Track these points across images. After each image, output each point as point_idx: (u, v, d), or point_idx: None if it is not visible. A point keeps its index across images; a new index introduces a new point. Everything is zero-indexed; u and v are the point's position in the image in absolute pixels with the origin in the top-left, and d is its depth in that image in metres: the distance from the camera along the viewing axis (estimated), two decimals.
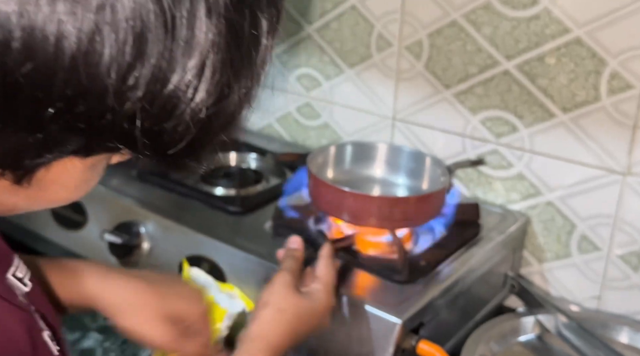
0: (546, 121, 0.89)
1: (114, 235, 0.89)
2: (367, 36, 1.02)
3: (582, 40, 0.83)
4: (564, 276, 0.94)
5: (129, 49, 0.32)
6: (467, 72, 0.94)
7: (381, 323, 0.71)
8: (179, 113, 0.35)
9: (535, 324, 0.81)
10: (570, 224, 0.91)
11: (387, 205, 0.81)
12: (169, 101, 0.34)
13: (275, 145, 1.13)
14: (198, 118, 0.35)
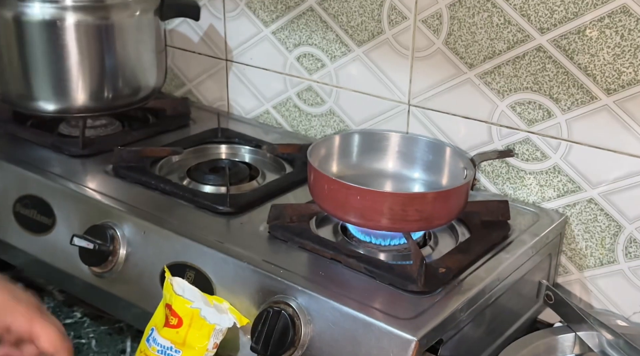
0: (587, 105, 0.89)
1: (85, 239, 0.89)
2: (378, 8, 1.02)
3: (630, 8, 0.83)
4: (609, 285, 0.94)
5: None
6: (494, 49, 0.94)
7: (393, 341, 0.70)
8: None
9: (576, 342, 0.82)
10: (616, 225, 0.91)
11: (401, 203, 0.81)
12: None
13: (272, 135, 1.15)
14: None
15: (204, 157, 1.08)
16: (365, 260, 0.81)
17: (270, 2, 1.13)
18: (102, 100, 1.10)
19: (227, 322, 0.78)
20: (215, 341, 0.78)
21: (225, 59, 1.21)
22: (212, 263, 0.82)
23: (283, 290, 0.77)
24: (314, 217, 0.90)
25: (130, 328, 0.95)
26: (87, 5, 1.02)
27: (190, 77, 1.28)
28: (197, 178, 1.01)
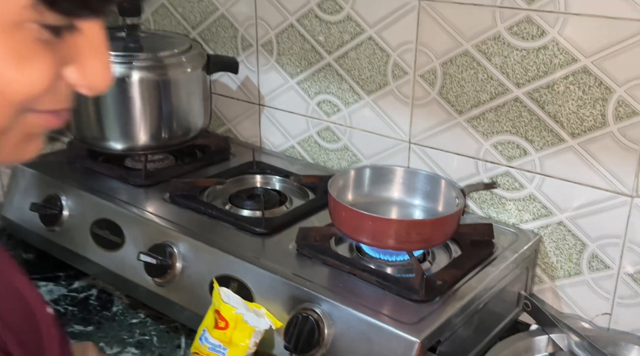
0: (556, 145, 0.89)
1: (149, 255, 0.89)
2: (384, 65, 1.02)
3: (589, 69, 0.83)
4: (576, 293, 0.93)
5: None
6: (479, 99, 0.94)
7: (400, 342, 0.71)
8: None
9: (549, 343, 0.81)
10: (581, 243, 0.90)
11: (405, 228, 0.81)
12: None
13: (297, 166, 1.13)
14: None
15: (242, 186, 1.07)
16: (376, 273, 0.81)
17: (295, 58, 1.13)
18: (160, 139, 1.10)
19: (265, 325, 0.79)
20: (255, 341, 0.79)
21: (259, 104, 1.21)
22: (251, 276, 0.82)
23: (309, 299, 0.77)
24: (333, 237, 0.90)
25: (184, 327, 0.95)
26: (149, 65, 1.03)
27: (229, 118, 1.27)
28: (237, 204, 1.00)
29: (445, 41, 0.94)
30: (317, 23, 1.07)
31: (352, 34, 1.04)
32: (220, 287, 0.81)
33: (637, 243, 0.85)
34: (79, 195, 1.02)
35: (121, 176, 1.06)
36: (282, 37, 1.13)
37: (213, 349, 0.79)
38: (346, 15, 1.03)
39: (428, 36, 0.96)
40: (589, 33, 0.82)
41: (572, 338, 0.78)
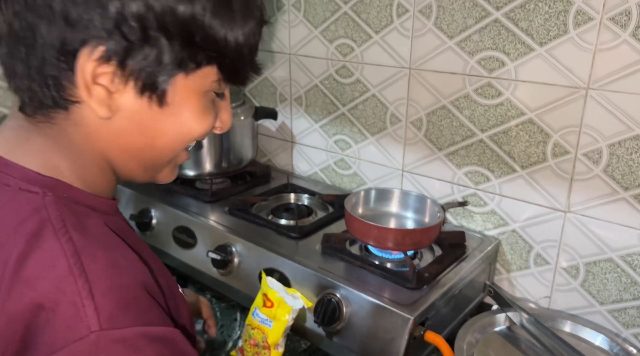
0: (510, 174, 0.90)
1: (215, 253, 0.90)
2: (384, 114, 1.03)
3: (534, 120, 0.84)
4: (525, 282, 0.93)
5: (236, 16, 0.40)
6: (454, 140, 0.94)
7: (398, 318, 0.71)
8: (253, 52, 0.43)
9: (506, 319, 0.80)
10: (529, 246, 0.91)
11: (401, 235, 0.82)
12: (246, 45, 0.42)
13: (320, 187, 1.12)
14: (252, 52, 0.43)
15: (280, 202, 1.06)
16: (380, 268, 0.80)
17: (319, 109, 1.13)
18: (221, 168, 1.11)
19: (299, 305, 0.78)
20: (293, 316, 0.78)
21: (291, 141, 1.21)
22: (289, 268, 0.82)
23: (332, 286, 0.77)
24: (348, 240, 0.89)
25: (239, 305, 0.95)
26: None
27: (270, 151, 1.27)
28: (277, 215, 0.99)
29: (428, 98, 0.95)
30: (335, 84, 1.08)
31: (361, 92, 1.05)
32: (267, 276, 0.81)
33: (569, 245, 0.86)
34: (163, 208, 1.02)
35: (194, 194, 1.06)
36: (309, 93, 1.14)
37: (262, 322, 0.80)
38: (356, 79, 1.05)
39: (416, 94, 0.97)
40: (533, 94, 0.83)
41: (523, 316, 0.78)
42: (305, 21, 1.09)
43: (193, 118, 0.43)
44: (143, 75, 0.39)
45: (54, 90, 0.39)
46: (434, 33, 0.91)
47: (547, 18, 0.79)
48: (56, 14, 0.37)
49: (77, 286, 0.34)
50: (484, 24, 0.86)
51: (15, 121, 0.43)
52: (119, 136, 0.42)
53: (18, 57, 0.39)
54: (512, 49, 0.84)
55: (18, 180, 0.39)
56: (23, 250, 0.36)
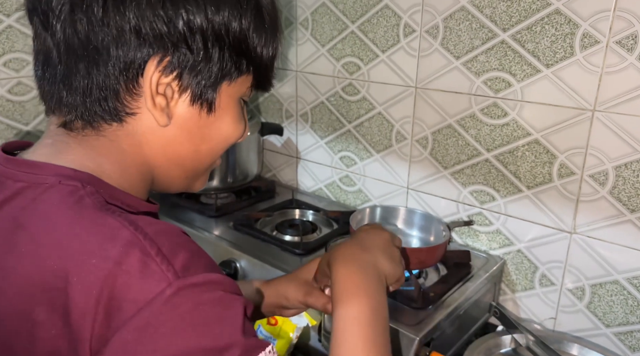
0: (516, 194, 0.89)
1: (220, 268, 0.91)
2: (389, 132, 1.03)
3: (540, 141, 0.85)
4: (530, 303, 0.92)
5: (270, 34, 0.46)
6: (459, 159, 0.94)
7: (404, 338, 0.71)
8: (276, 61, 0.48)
9: (511, 340, 0.80)
10: (534, 266, 0.90)
11: (406, 253, 0.80)
12: (276, 56, 0.47)
13: (324, 203, 1.12)
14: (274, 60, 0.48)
15: (285, 217, 1.06)
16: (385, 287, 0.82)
17: (324, 126, 1.13)
18: (226, 182, 1.11)
19: (304, 323, 0.78)
20: (297, 334, 0.78)
21: (296, 157, 1.21)
22: None
23: None
24: None
25: None
26: None
27: (275, 167, 1.27)
28: (281, 231, 0.99)
29: (434, 117, 0.95)
30: (341, 101, 1.09)
31: (366, 109, 1.05)
32: None
33: (575, 266, 0.85)
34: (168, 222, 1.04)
35: (198, 209, 1.06)
36: (315, 110, 1.14)
37: (266, 339, 0.74)
38: (362, 97, 1.05)
39: (422, 113, 0.97)
40: (539, 115, 0.83)
41: (528, 337, 0.77)
42: (312, 39, 1.10)
43: (232, 124, 0.47)
44: (198, 85, 0.43)
45: (112, 103, 0.42)
46: (440, 53, 0.92)
47: (554, 40, 0.80)
48: (126, 32, 0.40)
49: (146, 247, 0.36)
50: (491, 44, 0.86)
51: (51, 138, 0.44)
52: (168, 144, 0.44)
53: (77, 74, 0.41)
54: (518, 70, 0.84)
55: (56, 176, 0.41)
56: (81, 230, 0.37)
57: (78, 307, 0.35)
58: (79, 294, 0.35)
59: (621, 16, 0.74)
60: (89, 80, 0.41)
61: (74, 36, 0.40)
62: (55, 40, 0.41)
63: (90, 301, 0.35)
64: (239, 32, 0.43)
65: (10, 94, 1.02)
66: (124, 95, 0.42)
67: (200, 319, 0.35)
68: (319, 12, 1.08)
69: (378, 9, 0.99)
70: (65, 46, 0.40)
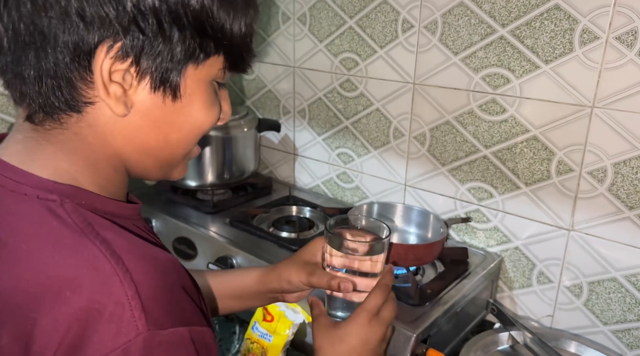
0: (513, 191, 0.89)
1: (216, 265, 0.89)
2: (387, 129, 1.03)
3: (538, 137, 0.84)
4: (527, 300, 0.92)
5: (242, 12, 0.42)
6: (457, 155, 0.94)
7: (400, 335, 0.70)
8: (252, 40, 0.44)
9: (509, 338, 0.80)
10: (532, 263, 0.90)
11: (404, 250, 0.81)
12: (248, 34, 0.43)
13: (321, 200, 1.12)
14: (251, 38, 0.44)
15: (281, 214, 1.06)
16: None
17: (322, 122, 1.13)
18: (223, 179, 1.10)
19: (300, 319, 0.78)
20: (293, 331, 0.78)
21: (294, 154, 1.20)
22: None
23: None
24: None
25: (237, 318, 0.92)
26: (218, 126, 1.04)
27: (272, 163, 1.27)
28: (278, 228, 0.99)
29: (432, 113, 0.95)
30: (338, 97, 1.08)
31: (364, 105, 1.05)
32: None
33: (572, 264, 0.85)
34: (164, 218, 1.02)
35: (195, 205, 1.05)
36: (312, 106, 1.14)
37: (262, 336, 0.79)
38: (360, 93, 1.05)
39: (420, 109, 0.97)
40: (538, 112, 0.83)
41: (526, 334, 0.77)
42: (310, 35, 1.10)
43: (203, 110, 0.43)
44: (158, 70, 0.40)
45: (67, 92, 0.39)
46: (438, 49, 0.92)
47: (553, 36, 0.79)
48: (71, 15, 0.37)
49: (124, 287, 0.34)
50: (489, 40, 0.86)
51: (21, 133, 0.42)
52: (134, 134, 0.41)
53: (27, 62, 0.38)
54: (517, 66, 0.84)
55: (35, 189, 0.39)
56: (60, 258, 0.36)
57: (42, 339, 0.34)
58: (47, 326, 0.34)
59: (621, 11, 0.73)
60: (40, 69, 0.38)
61: (19, 21, 0.37)
62: (4, 26, 0.38)
63: (56, 337, 0.34)
64: (200, 9, 0.39)
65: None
66: (78, 83, 0.39)
67: None
68: (316, 7, 1.07)
69: (376, 4, 0.98)
70: (13, 32, 0.38)
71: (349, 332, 0.54)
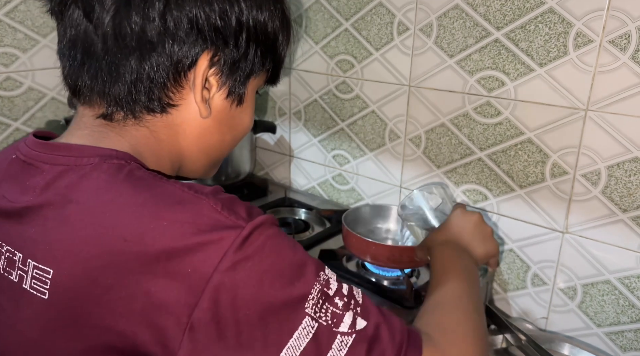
0: (508, 193, 0.90)
1: None
2: (382, 131, 1.03)
3: (532, 140, 0.85)
4: (522, 302, 0.92)
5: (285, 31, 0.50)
6: (452, 158, 0.95)
7: None
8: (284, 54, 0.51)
9: (503, 340, 0.80)
10: (526, 266, 0.90)
11: (398, 252, 0.81)
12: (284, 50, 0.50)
13: (316, 201, 1.13)
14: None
15: (277, 215, 1.06)
16: (376, 285, 0.80)
17: (317, 124, 1.13)
18: (219, 180, 1.10)
19: None
20: None
21: (289, 155, 1.21)
22: None
23: None
24: (344, 256, 0.89)
25: None
26: None
27: (267, 164, 1.27)
28: None
29: (428, 115, 0.95)
30: (334, 99, 1.09)
31: (360, 107, 1.05)
32: None
33: (566, 266, 0.85)
34: None
35: None
36: (308, 108, 1.14)
37: None
38: (356, 95, 1.05)
39: (415, 111, 0.97)
40: (532, 114, 0.83)
41: (520, 337, 0.77)
42: (306, 36, 1.10)
43: (251, 115, 0.51)
44: (236, 80, 0.46)
45: (158, 95, 0.44)
46: (434, 51, 0.92)
47: (547, 39, 0.80)
48: (184, 26, 0.42)
49: (211, 204, 0.38)
50: (484, 43, 0.86)
51: (87, 128, 0.45)
52: (202, 134, 0.47)
53: (125, 65, 0.42)
54: (511, 69, 0.84)
55: (99, 157, 0.42)
56: (144, 197, 0.39)
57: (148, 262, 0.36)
58: (151, 254, 0.36)
59: (615, 15, 0.73)
60: (139, 72, 0.42)
61: (126, 29, 0.41)
62: (101, 32, 0.41)
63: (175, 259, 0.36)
64: (273, 32, 0.47)
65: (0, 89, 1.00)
66: (171, 87, 0.44)
67: (277, 246, 0.39)
68: (312, 9, 1.07)
69: (372, 6, 0.98)
70: (114, 39, 0.41)
71: (447, 226, 0.69)
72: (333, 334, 0.39)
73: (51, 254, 0.38)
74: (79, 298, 0.37)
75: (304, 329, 0.38)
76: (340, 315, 0.40)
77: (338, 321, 0.40)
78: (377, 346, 0.40)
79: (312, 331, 0.38)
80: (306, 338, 0.38)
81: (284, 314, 0.38)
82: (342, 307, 0.40)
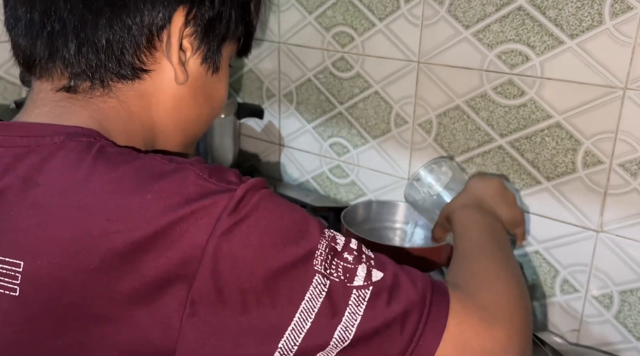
0: (533, 187, 0.90)
1: None
2: (387, 115, 1.03)
3: (562, 124, 0.85)
4: (550, 312, 0.92)
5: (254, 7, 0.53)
6: (469, 146, 0.95)
7: None
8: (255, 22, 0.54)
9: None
10: (554, 270, 0.91)
11: (406, 254, 0.81)
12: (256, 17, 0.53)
13: (310, 197, 1.12)
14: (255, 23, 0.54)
15: None
16: None
17: (312, 107, 1.13)
18: None
19: None
20: None
21: (279, 144, 1.21)
22: None
23: None
24: None
25: None
26: None
27: (254, 155, 1.27)
28: None
29: (440, 97, 0.95)
30: (331, 78, 1.09)
31: (361, 88, 1.05)
32: None
33: (601, 271, 0.86)
34: None
35: None
36: (301, 89, 1.14)
37: None
38: (356, 73, 1.05)
39: (425, 92, 0.97)
40: (561, 94, 0.83)
41: (546, 352, 0.78)
42: (297, 5, 1.09)
43: (226, 86, 0.52)
44: (211, 43, 0.48)
45: (130, 59, 0.44)
46: (447, 21, 0.91)
47: (580, 6, 0.79)
48: None
49: (197, 171, 0.40)
50: (506, 11, 0.85)
51: (46, 105, 0.45)
52: (177, 106, 0.48)
53: (94, 26, 0.43)
54: (537, 42, 0.83)
55: (63, 135, 0.42)
56: (122, 172, 0.40)
57: (137, 243, 0.37)
58: (140, 230, 0.37)
59: None
60: (110, 34, 0.43)
61: None
62: None
63: (151, 231, 0.37)
64: None
65: None
66: (144, 49, 0.45)
67: (274, 205, 0.41)
68: None
69: None
70: (89, 2, 0.43)
71: (466, 190, 0.73)
72: (348, 289, 0.40)
73: (19, 245, 0.39)
74: (58, 289, 0.38)
75: (316, 288, 0.39)
76: (352, 269, 0.41)
77: (351, 276, 0.41)
78: (398, 294, 0.41)
79: (325, 290, 0.40)
80: (319, 298, 0.39)
81: (292, 275, 0.39)
82: (352, 261, 0.42)
